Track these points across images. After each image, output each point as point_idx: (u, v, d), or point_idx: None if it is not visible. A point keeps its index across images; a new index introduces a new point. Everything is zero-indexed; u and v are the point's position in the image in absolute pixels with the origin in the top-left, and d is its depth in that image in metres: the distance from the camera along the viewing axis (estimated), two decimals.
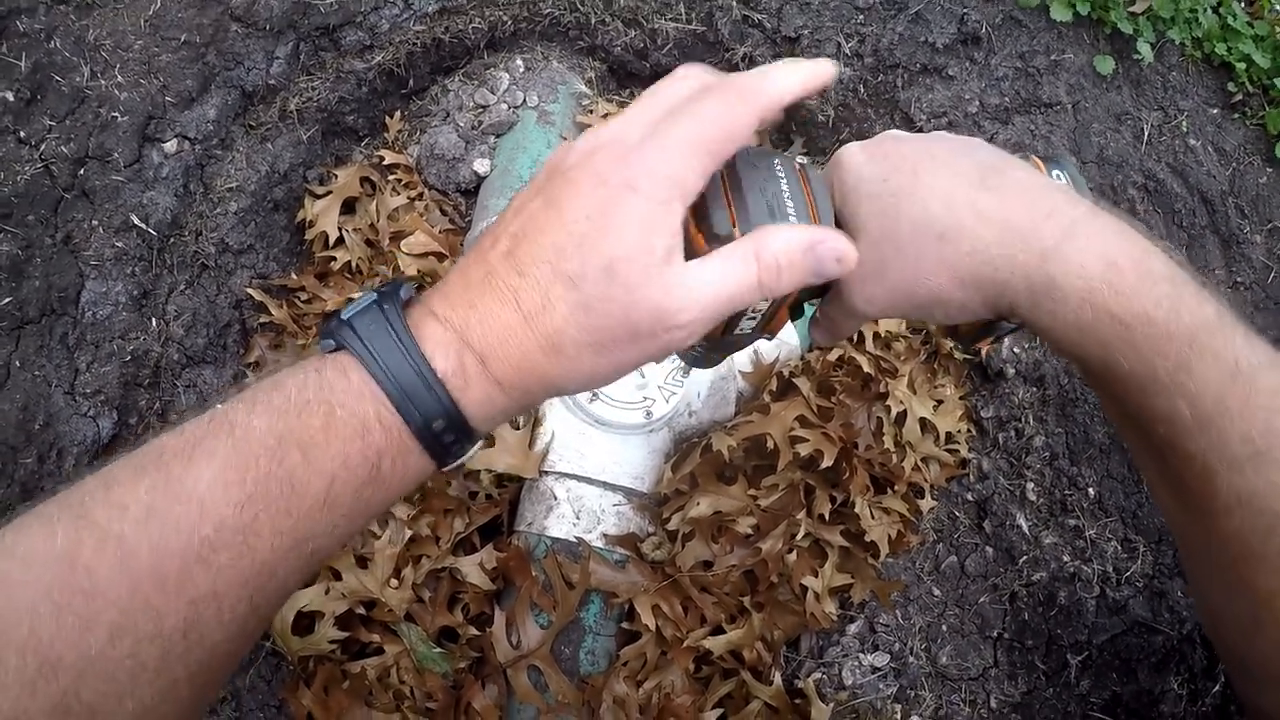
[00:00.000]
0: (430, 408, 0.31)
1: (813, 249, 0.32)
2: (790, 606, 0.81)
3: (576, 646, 0.79)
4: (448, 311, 0.32)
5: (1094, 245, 0.34)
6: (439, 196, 0.97)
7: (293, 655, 0.77)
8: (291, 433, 0.29)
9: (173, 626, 0.28)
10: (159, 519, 0.28)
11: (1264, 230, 1.06)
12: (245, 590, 0.29)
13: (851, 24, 1.02)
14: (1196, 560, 0.40)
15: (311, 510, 0.30)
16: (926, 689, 0.83)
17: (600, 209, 0.30)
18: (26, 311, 0.83)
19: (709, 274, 0.32)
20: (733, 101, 0.31)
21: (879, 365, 0.88)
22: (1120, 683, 0.84)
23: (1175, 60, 1.10)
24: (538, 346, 0.31)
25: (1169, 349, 0.33)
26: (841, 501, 0.83)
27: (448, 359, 0.31)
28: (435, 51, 1.00)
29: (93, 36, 0.90)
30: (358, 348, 0.31)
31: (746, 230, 0.32)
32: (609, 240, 0.30)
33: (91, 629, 0.26)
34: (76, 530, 0.27)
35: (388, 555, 0.78)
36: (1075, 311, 0.34)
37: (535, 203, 0.32)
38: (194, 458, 0.29)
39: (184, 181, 0.90)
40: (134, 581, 0.27)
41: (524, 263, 0.31)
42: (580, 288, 0.30)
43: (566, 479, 0.80)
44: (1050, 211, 0.34)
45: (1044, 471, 0.92)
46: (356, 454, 0.30)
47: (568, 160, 0.33)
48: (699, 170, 0.31)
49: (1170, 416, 0.34)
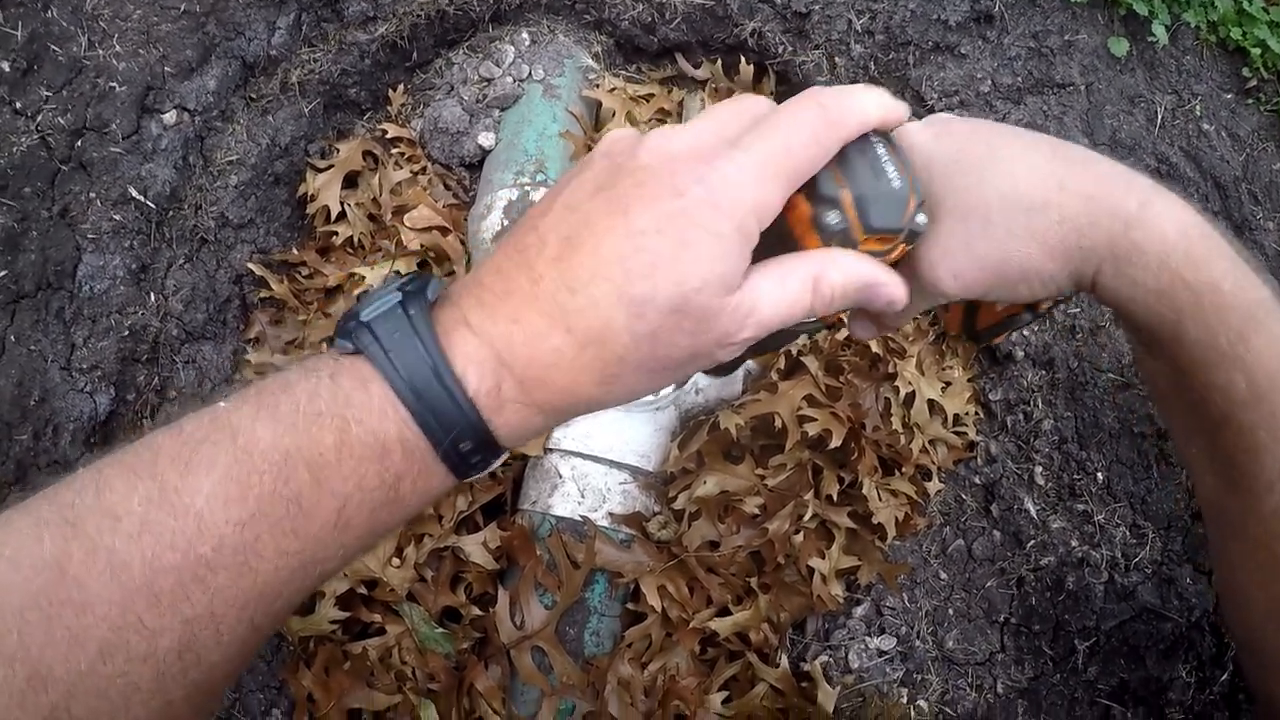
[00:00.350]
0: (459, 429, 0.28)
1: (870, 288, 0.31)
2: (797, 588, 0.80)
3: (581, 627, 0.78)
4: (485, 323, 0.28)
5: (1170, 214, 0.35)
6: (442, 170, 0.96)
7: (293, 636, 0.76)
8: (300, 449, 0.27)
9: (167, 647, 0.26)
10: (152, 533, 0.26)
11: (1276, 217, 1.04)
12: (245, 612, 0.27)
13: (863, 0, 1.01)
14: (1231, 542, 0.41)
15: (320, 533, 0.27)
16: (933, 673, 0.82)
17: (675, 225, 0.27)
18: (22, 285, 0.81)
19: (770, 292, 0.29)
20: (820, 126, 0.30)
21: (887, 345, 0.87)
22: (1128, 669, 0.83)
23: (1190, 44, 1.09)
24: (592, 376, 0.28)
25: (1231, 320, 0.34)
26: (849, 482, 0.83)
27: (482, 379, 0.28)
28: (439, 24, 0.98)
29: (90, 5, 0.89)
30: (379, 358, 0.28)
31: (856, 191, 0.31)
32: (684, 265, 0.27)
33: (82, 644, 0.25)
34: (65, 539, 0.26)
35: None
36: (1155, 276, 0.34)
37: (594, 202, 0.28)
38: (191, 466, 0.27)
39: (183, 154, 0.88)
40: (126, 598, 0.25)
41: (579, 277, 0.27)
42: (646, 318, 0.27)
43: (572, 457, 0.79)
44: (1128, 184, 0.35)
45: (1052, 455, 0.91)
46: (374, 476, 0.27)
47: (638, 159, 0.29)
48: (780, 196, 0.29)
49: (1227, 388, 0.35)
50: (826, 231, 0.31)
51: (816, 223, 0.31)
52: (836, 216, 0.31)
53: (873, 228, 0.32)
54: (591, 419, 0.80)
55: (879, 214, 0.32)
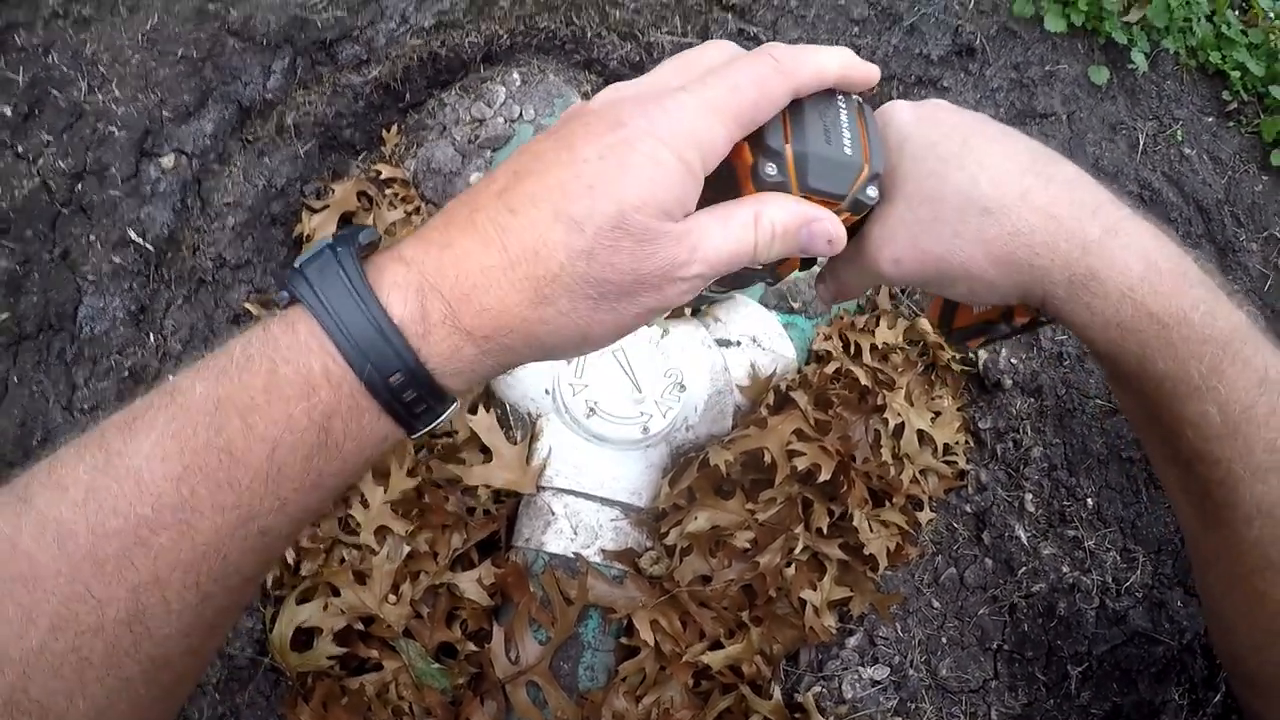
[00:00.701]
0: (385, 359, 0.27)
1: (807, 225, 0.32)
2: (789, 620, 0.81)
3: (575, 662, 0.78)
4: (416, 252, 0.29)
5: (1135, 244, 0.34)
6: (436, 210, 0.97)
7: (291, 671, 0.77)
8: (231, 396, 0.27)
9: (115, 618, 0.26)
10: (96, 499, 0.26)
11: (1260, 238, 1.06)
12: (190, 575, 0.26)
13: (846, 36, 1.03)
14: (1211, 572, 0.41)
15: (255, 483, 0.27)
16: (927, 701, 0.83)
17: (615, 150, 0.28)
18: (24, 327, 0.83)
19: (713, 230, 0.30)
20: (768, 73, 0.30)
21: (876, 377, 0.88)
22: (1121, 693, 0.84)
23: (1170, 69, 1.10)
24: (524, 296, 0.28)
25: (1203, 352, 0.34)
26: (839, 515, 0.83)
27: (407, 303, 0.28)
28: (431, 65, 1.00)
29: (90, 51, 0.91)
30: (307, 295, 0.28)
31: (799, 148, 0.31)
32: (623, 185, 0.27)
33: (34, 620, 0.25)
34: (16, 514, 0.26)
35: (386, 571, 0.78)
36: (1115, 307, 0.34)
37: (543, 143, 0.29)
38: (134, 430, 0.27)
39: (181, 196, 0.90)
40: (72, 567, 0.25)
41: (519, 201, 0.28)
42: (584, 232, 0.27)
43: (564, 494, 0.80)
44: (1096, 208, 0.34)
45: (1042, 482, 0.92)
46: (301, 415, 0.27)
47: (588, 106, 0.30)
48: (724, 136, 0.29)
49: (1200, 421, 0.35)
50: (763, 183, 0.32)
51: (755, 172, 0.32)
52: (774, 170, 0.31)
53: (809, 187, 0.32)
54: (583, 456, 0.82)
55: (818, 176, 0.32)
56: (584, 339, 0.30)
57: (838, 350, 0.89)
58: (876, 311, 0.96)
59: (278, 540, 0.29)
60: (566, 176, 0.28)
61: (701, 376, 0.85)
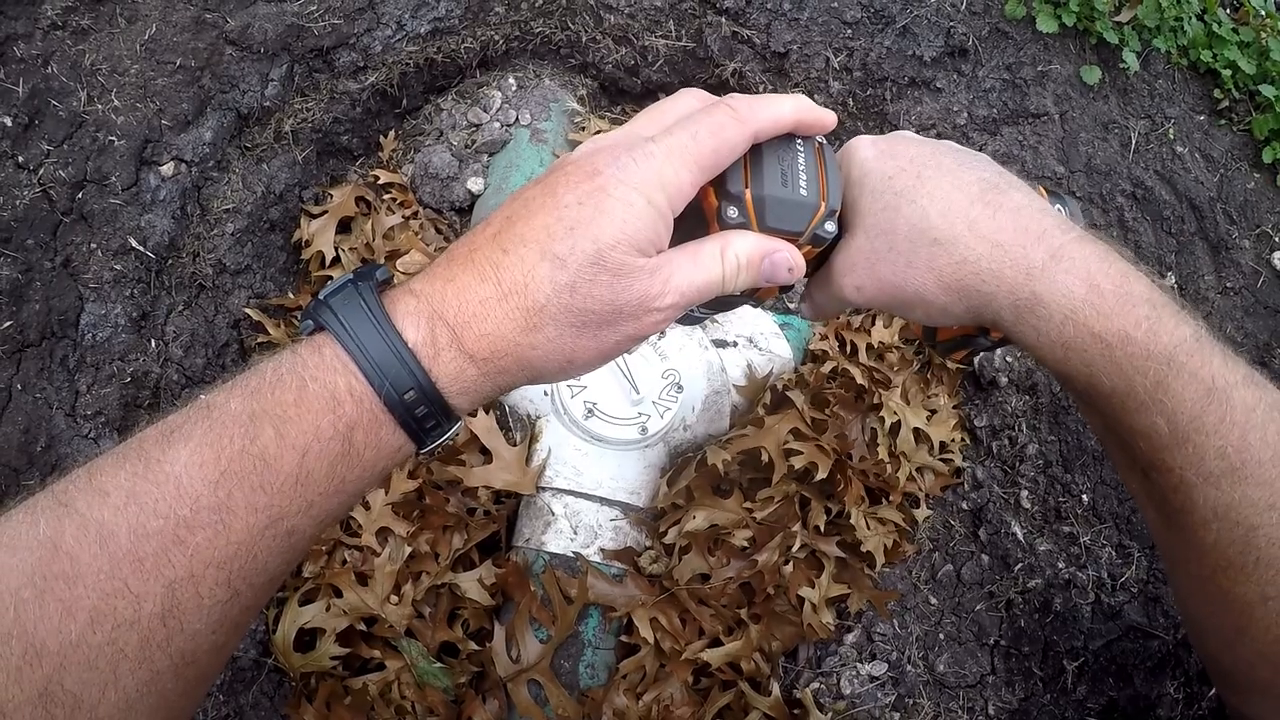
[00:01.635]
0: (400, 378, 0.31)
1: (769, 257, 0.35)
2: (787, 617, 0.81)
3: (576, 660, 0.79)
4: (424, 286, 0.33)
5: (1078, 268, 0.35)
6: (434, 215, 0.98)
7: (295, 672, 0.78)
8: (265, 409, 0.30)
9: (151, 611, 0.28)
10: (137, 502, 0.28)
11: (1252, 235, 1.07)
12: (223, 572, 0.29)
13: (839, 38, 1.03)
14: (1180, 572, 0.42)
15: (285, 486, 0.30)
16: (924, 697, 0.84)
17: (592, 196, 0.32)
18: (27, 335, 0.83)
19: (684, 265, 0.34)
20: (726, 122, 0.33)
21: (872, 376, 0.89)
22: (1117, 688, 0.84)
23: (1161, 68, 1.11)
24: (516, 324, 0.31)
25: (1147, 367, 0.35)
26: (837, 513, 0.84)
27: (418, 330, 0.31)
28: (428, 71, 1.01)
29: (89, 61, 0.91)
30: (332, 323, 0.31)
31: (758, 192, 0.35)
32: (600, 226, 0.31)
33: (73, 613, 0.27)
34: (59, 517, 0.28)
35: (388, 572, 0.78)
36: (1059, 329, 0.35)
37: (531, 190, 0.34)
38: (171, 441, 0.29)
39: (181, 204, 0.90)
40: (113, 565, 0.27)
41: (510, 241, 0.32)
42: (567, 268, 0.31)
43: (563, 495, 0.81)
44: (1041, 234, 0.36)
45: (1038, 479, 0.92)
46: (328, 426, 0.30)
47: (568, 158, 0.34)
48: (689, 180, 0.33)
49: (1149, 432, 0.36)
50: (727, 225, 0.35)
51: (719, 215, 0.35)
52: (735, 212, 0.35)
53: (767, 227, 0.35)
54: (582, 457, 0.82)
55: (775, 217, 0.35)
56: (569, 363, 0.33)
57: (834, 350, 0.90)
58: (872, 311, 0.97)
59: (302, 540, 0.31)
60: (550, 220, 0.32)
61: (699, 377, 0.86)
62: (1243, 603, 0.38)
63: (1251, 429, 0.35)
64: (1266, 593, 0.37)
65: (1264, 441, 0.36)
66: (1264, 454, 0.35)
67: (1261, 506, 0.36)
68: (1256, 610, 0.38)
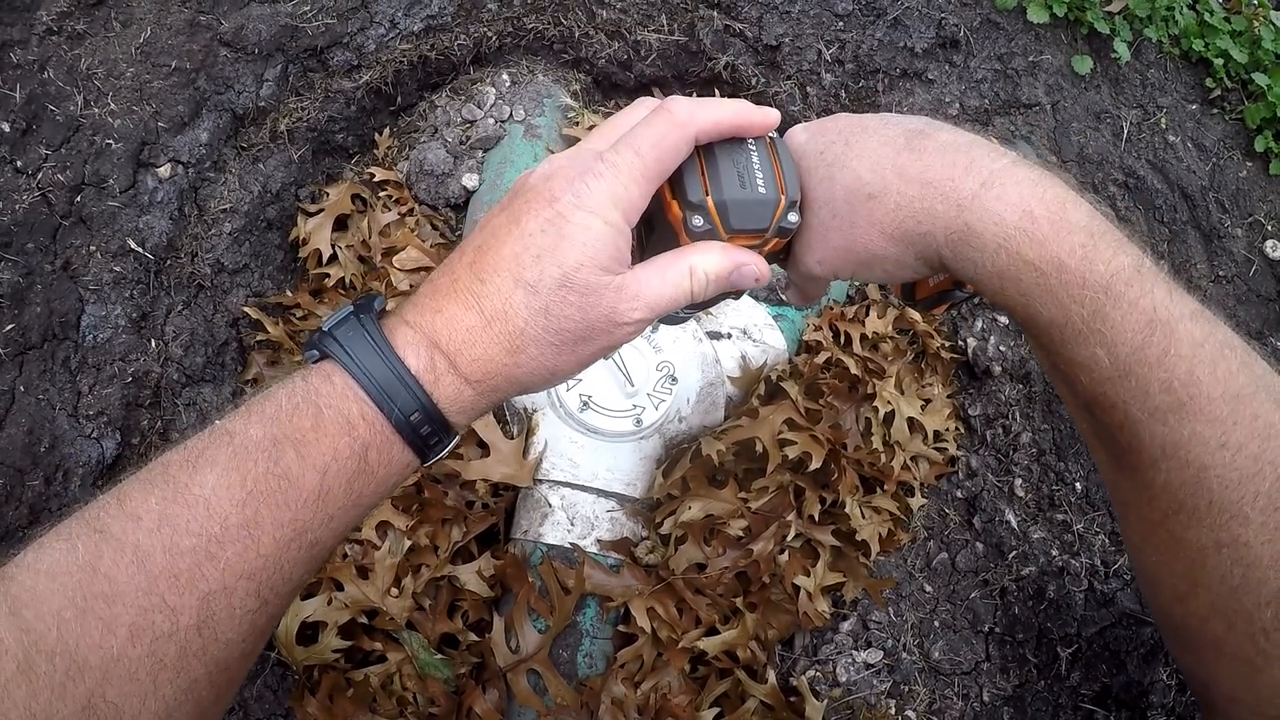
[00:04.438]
0: (406, 402, 0.34)
1: (737, 269, 0.37)
2: (783, 606, 0.82)
3: (574, 650, 0.80)
4: (417, 317, 0.35)
5: (1010, 194, 0.35)
6: (429, 211, 0.99)
7: (298, 665, 0.79)
8: (285, 434, 0.32)
9: (187, 623, 0.30)
10: (170, 524, 0.30)
11: (1245, 224, 1.07)
12: (253, 583, 0.31)
13: (831, 30, 1.04)
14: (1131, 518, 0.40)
15: (307, 502, 0.32)
16: (920, 684, 0.84)
17: (553, 224, 0.34)
18: (29, 337, 0.84)
19: (653, 281, 0.36)
20: (666, 130, 0.35)
21: (866, 366, 0.90)
22: (1110, 674, 0.85)
23: (1153, 58, 1.11)
24: (501, 348, 0.34)
25: (1084, 296, 0.34)
26: (832, 502, 0.85)
27: (419, 358, 0.34)
28: (422, 69, 1.02)
29: (85, 65, 0.92)
30: (339, 354, 0.34)
31: (719, 198, 0.36)
32: (563, 251, 0.34)
33: (113, 630, 0.29)
34: (96, 543, 0.30)
35: (388, 565, 0.79)
36: (992, 258, 0.35)
37: (498, 219, 0.36)
38: (198, 466, 0.32)
39: (179, 204, 0.91)
40: (150, 582, 0.29)
41: (485, 271, 0.34)
42: (539, 294, 0.34)
43: (560, 487, 0.82)
44: (968, 165, 0.36)
45: (1031, 467, 0.93)
46: (345, 447, 0.33)
47: (529, 181, 0.36)
48: (639, 193, 0.35)
49: (1090, 364, 0.35)
50: (694, 234, 0.37)
51: (686, 225, 0.37)
52: (700, 220, 0.36)
53: (734, 229, 0.37)
54: (578, 450, 0.83)
55: (739, 218, 0.36)
56: (553, 374, 0.36)
57: (828, 340, 0.91)
58: (866, 301, 0.97)
59: (324, 551, 0.34)
60: (519, 248, 0.34)
61: (693, 369, 0.86)
62: (1195, 549, 0.36)
63: (1199, 363, 0.34)
64: (1220, 539, 0.35)
65: (1214, 377, 0.34)
66: (1214, 390, 0.34)
67: (1213, 445, 0.34)
68: (1209, 558, 0.36)
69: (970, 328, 0.98)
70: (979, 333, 0.97)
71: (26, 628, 0.28)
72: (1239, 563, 0.35)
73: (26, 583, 0.29)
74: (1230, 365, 0.34)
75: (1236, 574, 0.36)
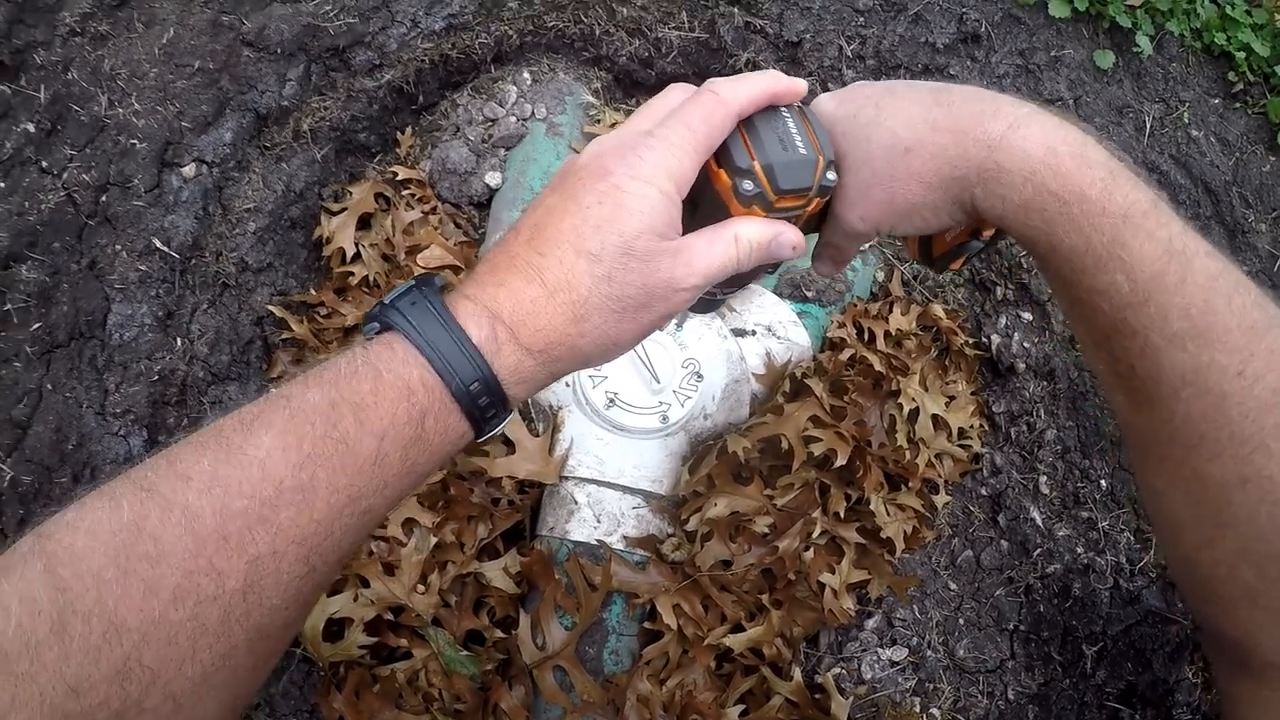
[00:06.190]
0: (467, 372, 0.34)
1: (775, 238, 0.39)
2: (808, 603, 0.82)
3: (600, 647, 0.80)
4: (477, 291, 0.35)
5: (1035, 134, 0.37)
6: (452, 210, 0.99)
7: (324, 661, 0.79)
8: (343, 397, 0.32)
9: (233, 587, 0.29)
10: (222, 485, 0.30)
11: (1269, 218, 1.06)
12: (303, 548, 0.31)
13: (852, 26, 1.03)
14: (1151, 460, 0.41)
15: (364, 467, 0.32)
16: (945, 682, 0.84)
17: (609, 195, 0.35)
18: (56, 336, 0.85)
19: (702, 248, 0.37)
20: (713, 107, 0.37)
21: (890, 363, 0.89)
22: (1135, 672, 0.85)
23: (1175, 52, 1.11)
24: (565, 317, 0.35)
25: (1103, 224, 0.36)
26: (856, 499, 0.85)
27: (481, 329, 0.34)
28: (443, 67, 1.02)
29: (109, 66, 0.93)
30: (401, 324, 0.34)
31: (764, 161, 0.38)
32: (622, 220, 0.35)
33: (156, 592, 0.28)
34: (142, 502, 0.29)
35: (414, 562, 0.80)
36: (1019, 191, 0.37)
37: (551, 198, 0.37)
38: (253, 429, 0.31)
39: (203, 204, 0.92)
40: (198, 544, 0.29)
41: (545, 245, 0.35)
42: (602, 262, 0.35)
43: (586, 484, 0.82)
44: (995, 111, 0.38)
45: (1056, 465, 0.93)
46: (403, 413, 0.33)
47: (577, 162, 0.38)
48: (690, 164, 0.36)
49: (1110, 290, 0.36)
50: (744, 197, 0.39)
51: (736, 191, 0.39)
52: (750, 185, 0.38)
53: (782, 190, 0.39)
54: (604, 446, 0.83)
55: (785, 178, 0.39)
56: (615, 344, 0.37)
57: (852, 337, 0.90)
58: (890, 298, 0.97)
59: (374, 518, 0.34)
60: (577, 221, 0.35)
61: (718, 366, 0.86)
62: (1219, 485, 0.37)
63: (1216, 294, 0.35)
64: (1244, 472, 0.36)
65: (1230, 309, 0.35)
66: (1230, 320, 0.35)
67: (1230, 373, 0.35)
68: (1234, 494, 0.36)
69: (994, 324, 0.97)
70: (1003, 329, 0.97)
71: (63, 587, 0.27)
72: (1265, 499, 0.36)
73: (65, 540, 0.28)
74: (1245, 300, 0.36)
75: (1263, 511, 0.36)
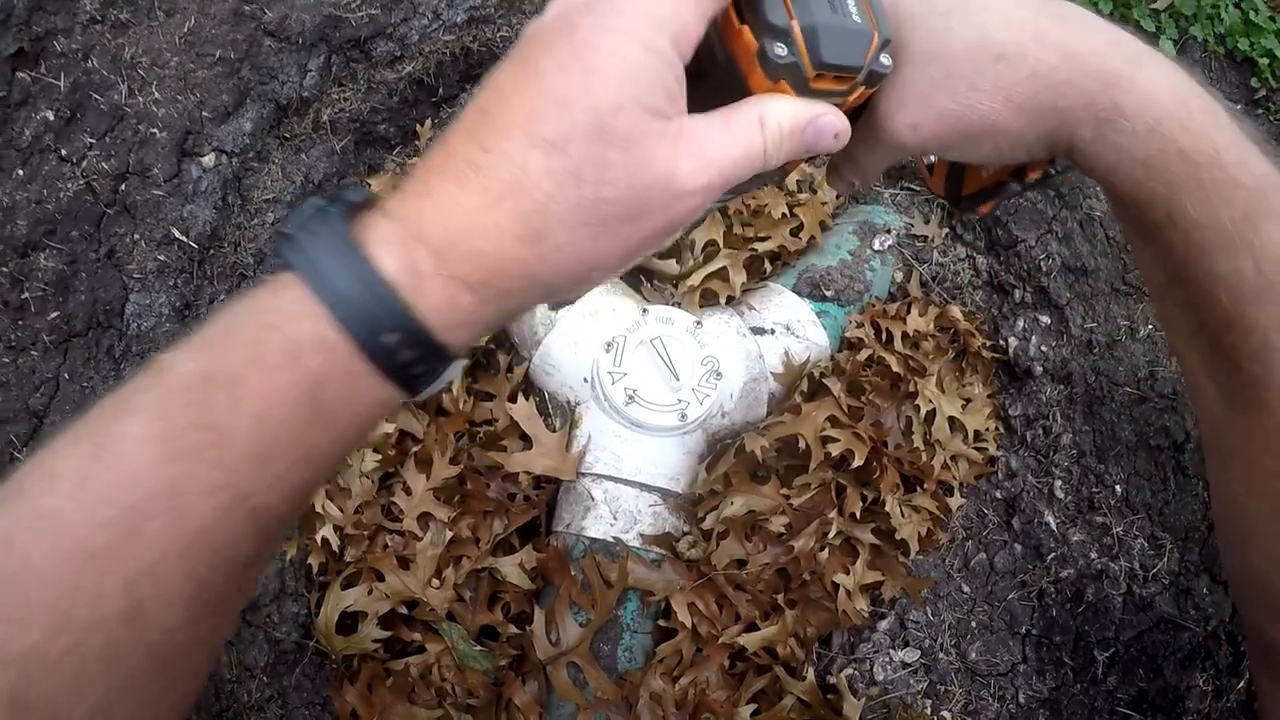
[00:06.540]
0: (377, 318, 0.25)
1: (814, 121, 0.29)
2: (822, 604, 0.82)
3: (614, 644, 0.80)
4: (397, 205, 0.26)
5: (1162, 78, 0.31)
6: None
7: (337, 654, 0.79)
8: (216, 371, 0.25)
9: (111, 611, 0.24)
10: (89, 488, 0.24)
11: None
12: (183, 564, 0.24)
13: None
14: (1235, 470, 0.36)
15: (244, 461, 0.25)
16: (956, 685, 0.84)
17: (577, 59, 0.25)
18: (74, 325, 0.85)
19: (714, 134, 0.27)
20: None
21: (908, 364, 0.89)
22: (1147, 679, 0.85)
23: (1198, 57, 1.10)
24: (513, 234, 0.25)
25: (1236, 198, 0.30)
26: (872, 500, 0.85)
27: (394, 257, 0.25)
28: (464, 60, 1.01)
29: (129, 55, 0.92)
30: (295, 259, 0.25)
31: (806, 21, 0.28)
32: (592, 91, 0.25)
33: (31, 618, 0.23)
34: (13, 510, 0.24)
35: (429, 556, 0.80)
36: (1142, 142, 0.31)
37: (504, 71, 0.27)
38: (122, 414, 0.25)
39: (222, 194, 0.92)
40: (65, 562, 0.23)
41: (490, 135, 0.25)
42: (567, 153, 0.25)
43: (603, 480, 0.82)
44: (1115, 40, 0.32)
45: (1071, 469, 0.93)
46: (289, 386, 0.25)
47: (539, 21, 0.27)
48: (693, 13, 0.26)
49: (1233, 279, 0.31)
50: (772, 65, 0.28)
51: (762, 56, 0.28)
52: (784, 49, 0.28)
53: (824, 63, 0.28)
54: (622, 443, 0.83)
55: (832, 49, 0.28)
56: (591, 270, 0.27)
57: (869, 338, 0.90)
58: (908, 299, 0.97)
59: (273, 519, 0.26)
60: (532, 99, 0.25)
61: (737, 364, 0.86)
62: None
63: None
64: None
65: None
66: None
67: None
68: None
69: (1012, 327, 0.97)
70: (1020, 332, 0.96)
71: None
72: None
73: None
74: None
75: None
